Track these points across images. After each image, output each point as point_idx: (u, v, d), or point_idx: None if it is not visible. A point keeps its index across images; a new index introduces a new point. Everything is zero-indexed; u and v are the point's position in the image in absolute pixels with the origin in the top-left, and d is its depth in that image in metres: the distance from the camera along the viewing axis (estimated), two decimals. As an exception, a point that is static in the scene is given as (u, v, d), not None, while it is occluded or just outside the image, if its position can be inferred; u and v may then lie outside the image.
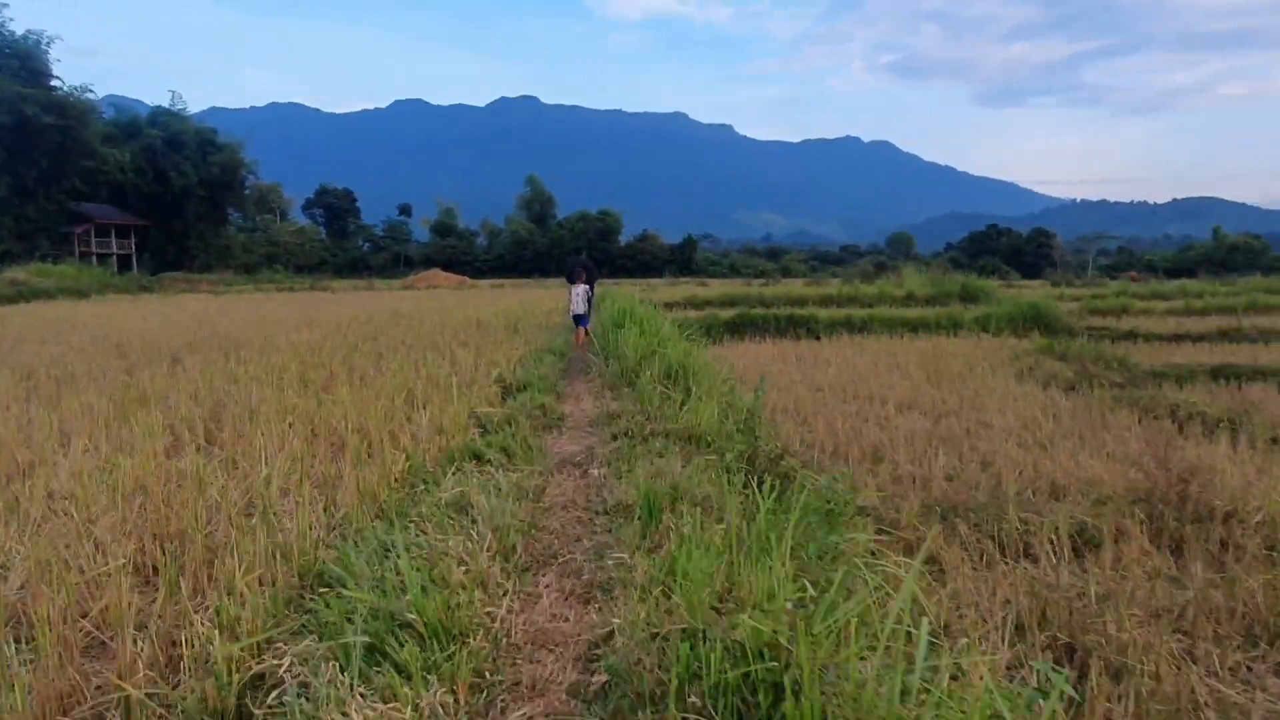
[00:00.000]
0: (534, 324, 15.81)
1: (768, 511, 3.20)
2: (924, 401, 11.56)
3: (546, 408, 6.31)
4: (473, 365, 8.22)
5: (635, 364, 7.90)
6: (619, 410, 6.01)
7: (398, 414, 5.67)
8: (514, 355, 9.21)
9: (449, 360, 9.07)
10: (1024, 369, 14.32)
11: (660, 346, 8.16)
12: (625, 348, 8.24)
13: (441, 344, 11.29)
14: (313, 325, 15.46)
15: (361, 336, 13.00)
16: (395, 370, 7.84)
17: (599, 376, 8.55)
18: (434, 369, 7.92)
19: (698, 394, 5.94)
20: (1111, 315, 24.23)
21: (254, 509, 3.89)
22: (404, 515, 3.59)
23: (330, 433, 5.40)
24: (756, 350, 17.72)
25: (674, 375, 7.32)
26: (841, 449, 8.96)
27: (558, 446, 5.35)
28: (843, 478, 4.95)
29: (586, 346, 15.54)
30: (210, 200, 61.42)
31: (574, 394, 8.08)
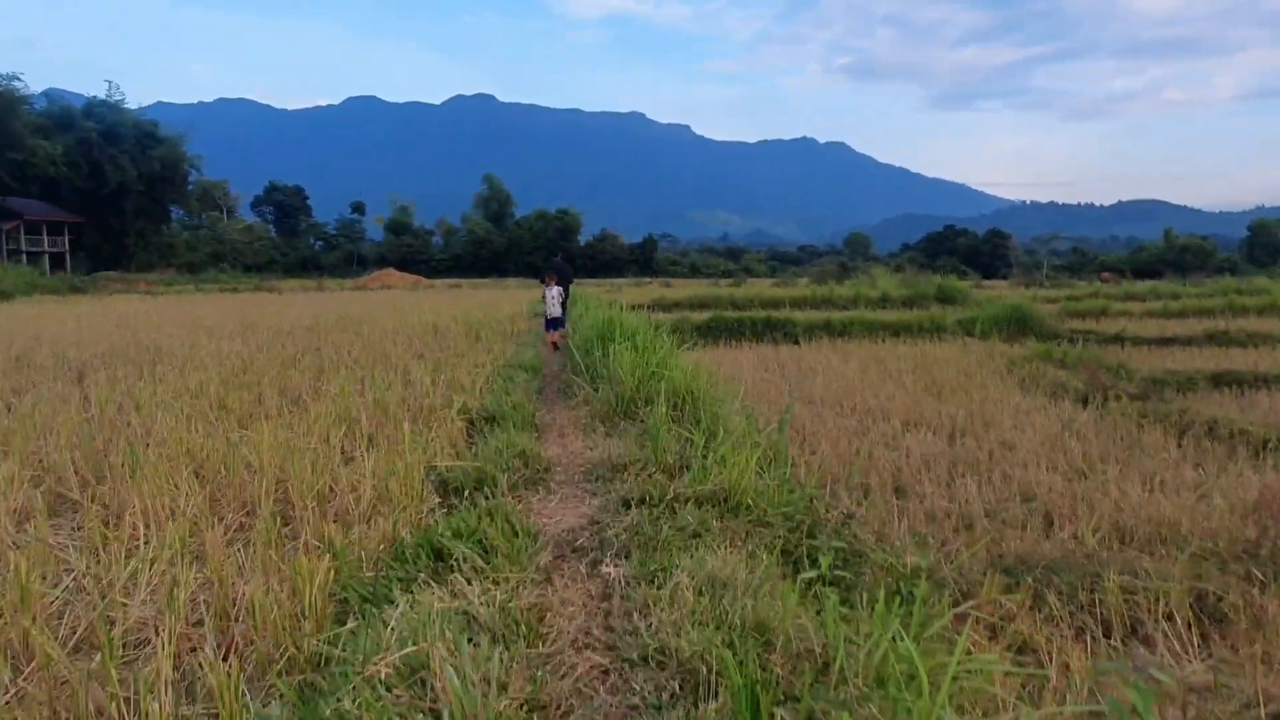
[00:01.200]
0: (497, 330, 14.42)
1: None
2: (929, 416, 10.54)
3: (527, 454, 4.78)
4: (430, 386, 6.87)
5: (633, 391, 6.63)
6: (623, 457, 4.69)
7: (332, 461, 4.33)
8: (479, 373, 7.82)
9: (401, 379, 7.72)
10: (1025, 377, 13.42)
11: (662, 368, 6.86)
12: (619, 370, 6.83)
13: (394, 356, 9.91)
14: (249, 332, 13.92)
15: (303, 347, 11.55)
16: (337, 393, 6.48)
17: (585, 404, 7.19)
18: (383, 392, 6.58)
19: (717, 431, 4.72)
20: (1091, 317, 23.66)
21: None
22: (316, 700, 2.15)
23: (239, 492, 4.05)
24: (735, 357, 16.63)
25: (682, 404, 6.19)
26: (856, 477, 7.87)
27: (549, 516, 3.94)
28: (919, 545, 3.79)
29: (562, 349, 14.27)
30: (150, 196, 58.35)
31: (556, 426, 6.74)
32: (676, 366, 6.49)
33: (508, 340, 13.06)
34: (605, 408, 6.62)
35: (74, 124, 54.38)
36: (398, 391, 6.73)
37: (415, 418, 5.82)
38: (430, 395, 6.54)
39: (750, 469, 3.67)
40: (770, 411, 10.49)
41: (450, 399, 6.35)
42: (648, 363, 6.76)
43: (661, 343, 7.54)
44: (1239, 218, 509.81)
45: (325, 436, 4.90)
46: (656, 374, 6.61)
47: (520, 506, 3.82)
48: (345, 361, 9.38)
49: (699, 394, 6.30)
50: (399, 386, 7.03)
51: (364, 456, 4.30)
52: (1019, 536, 6.08)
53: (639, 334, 7.82)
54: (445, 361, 9.05)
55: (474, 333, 13.08)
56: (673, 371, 6.59)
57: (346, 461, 4.37)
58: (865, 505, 7.06)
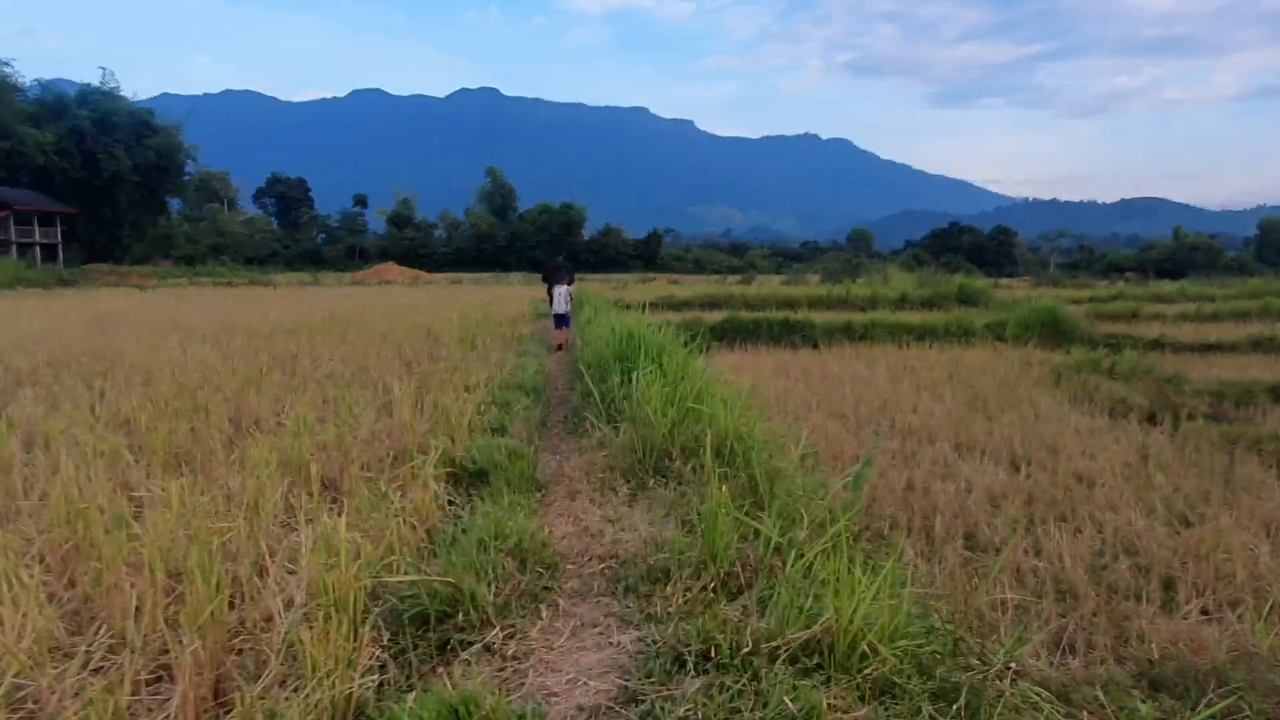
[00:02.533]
0: (496, 334, 13.18)
1: None
2: (981, 438, 9.37)
3: (524, 546, 3.40)
4: (409, 417, 5.63)
5: (666, 435, 5.11)
6: (664, 555, 3.30)
7: (245, 558, 3.12)
8: (471, 398, 6.59)
9: (378, 402, 6.54)
10: (1075, 390, 12.23)
11: (699, 402, 5.31)
12: (646, 407, 5.28)
13: (376, 369, 8.73)
14: (227, 335, 12.73)
15: (281, 354, 10.36)
16: (293, 428, 5.25)
17: (601, 446, 5.68)
18: (350, 425, 5.39)
19: (794, 513, 3.47)
20: (1122, 320, 22.44)
21: None
22: None
23: (109, 605, 2.86)
24: (753, 363, 15.47)
25: (730, 454, 4.57)
26: (916, 520, 6.71)
27: (556, 673, 2.59)
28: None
29: (569, 349, 13.83)
30: (145, 186, 56.88)
31: (565, 480, 5.24)
32: (719, 399, 5.20)
33: (508, 347, 11.84)
34: (628, 457, 5.18)
35: (67, 112, 52.97)
36: (369, 424, 5.53)
37: (382, 470, 4.62)
38: (408, 431, 5.33)
39: (869, 595, 2.42)
40: (781, 418, 9.31)
41: (432, 437, 5.12)
42: (682, 395, 5.32)
43: (695, 364, 6.22)
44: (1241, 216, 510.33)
45: (254, 504, 3.70)
46: (695, 411, 5.23)
47: (512, 649, 2.60)
48: (319, 376, 8.20)
49: (752, 440, 4.74)
50: (372, 414, 5.84)
51: (303, 547, 3.09)
52: (1138, 612, 4.92)
53: (667, 352, 6.53)
54: (433, 378, 7.81)
55: (470, 338, 11.83)
56: (715, 407, 5.08)
57: (259, 573, 3.06)
58: (936, 562, 5.91)
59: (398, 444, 5.18)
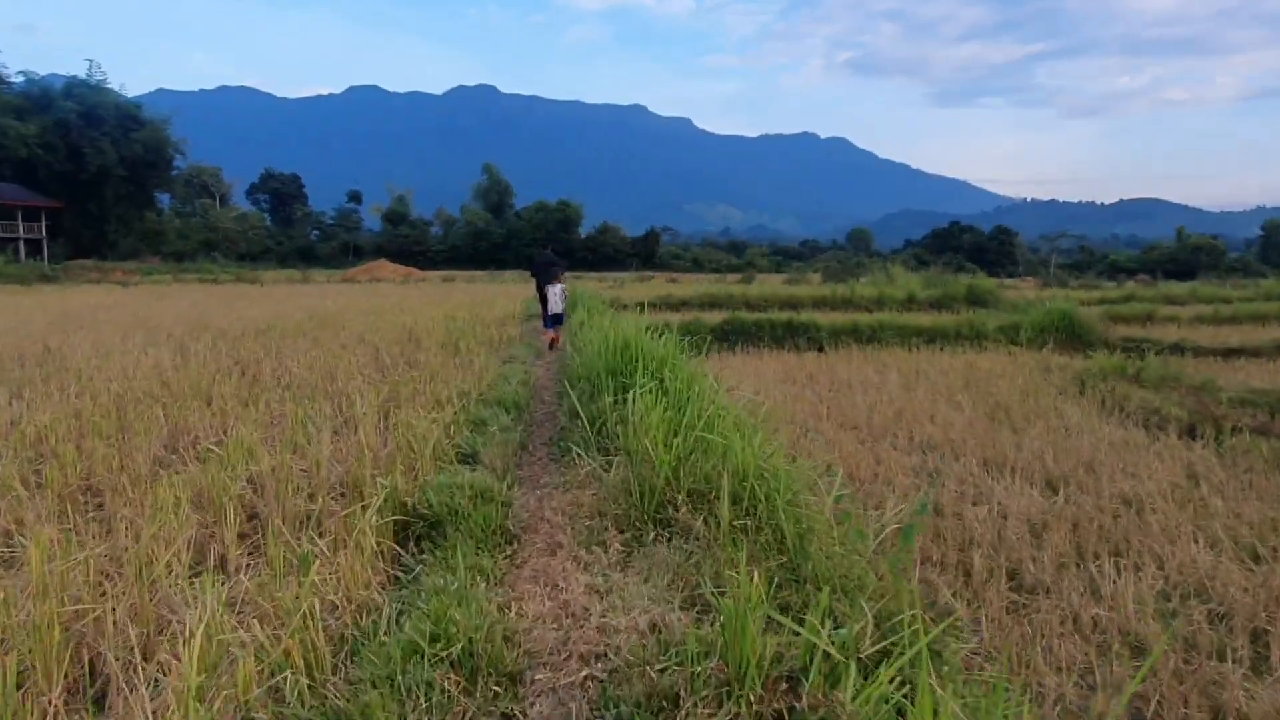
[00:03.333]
0: (482, 337, 12.30)
1: None
2: (1007, 452, 8.55)
3: (476, 645, 2.45)
4: (364, 442, 4.80)
5: (669, 475, 4.06)
6: (670, 660, 2.42)
7: (126, 637, 2.34)
8: (443, 415, 5.78)
9: (339, 419, 5.73)
10: (1102, 399, 11.42)
11: (710, 429, 4.29)
12: (645, 438, 4.26)
13: (346, 377, 7.91)
14: (194, 335, 11.88)
15: (245, 358, 9.52)
16: (229, 454, 4.42)
17: (591, 482, 4.72)
18: (300, 448, 4.57)
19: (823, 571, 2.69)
20: (1136, 323, 21.66)
21: None
22: None
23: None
24: (757, 366, 14.67)
25: (750, 502, 3.66)
26: (950, 553, 5.91)
27: None
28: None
29: (560, 350, 13.48)
30: (132, 181, 55.78)
31: (543, 529, 4.27)
32: (733, 425, 4.28)
33: (494, 351, 11.00)
34: (623, 500, 4.17)
35: (52, 105, 51.89)
36: (322, 447, 4.69)
37: (322, 513, 3.79)
38: (364, 458, 4.48)
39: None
40: (788, 429, 8.50)
41: (389, 468, 4.28)
42: (689, 421, 4.32)
43: (703, 380, 5.26)
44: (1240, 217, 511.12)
45: (142, 566, 2.86)
46: (704, 441, 4.19)
47: None
48: (279, 385, 7.37)
49: (776, 481, 3.64)
50: (326, 437, 5.00)
51: (188, 619, 2.27)
52: (1226, 675, 4.12)
53: (669, 365, 5.59)
54: (405, 388, 6.97)
55: (454, 341, 10.98)
56: (730, 437, 4.02)
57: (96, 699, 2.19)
58: (978, 606, 5.11)
59: (349, 475, 4.33)
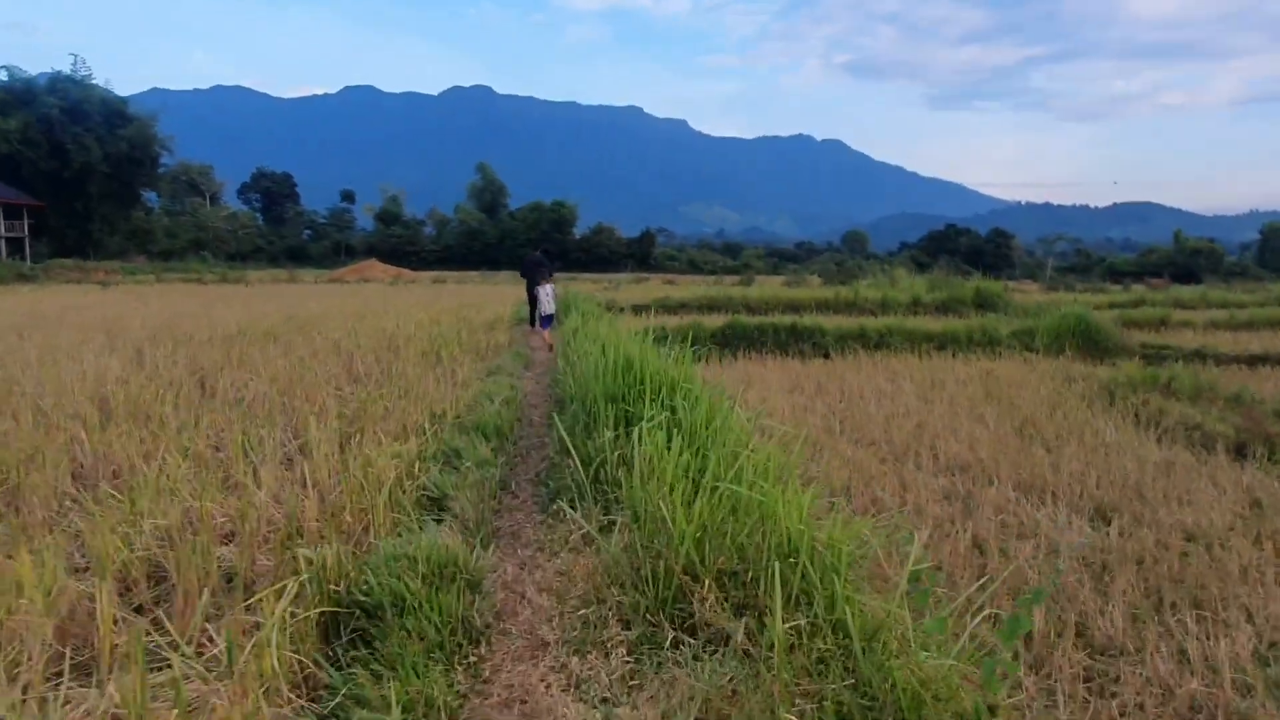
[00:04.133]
0: (468, 344, 11.39)
1: None
2: (1044, 474, 7.73)
3: None
4: (320, 470, 3.98)
5: (691, 549, 2.99)
6: None
7: None
8: (408, 449, 4.72)
9: (289, 444, 4.89)
10: (1136, 412, 10.62)
11: (740, 481, 3.24)
12: (656, 493, 3.27)
13: (311, 391, 7.04)
14: (158, 342, 10.99)
15: (207, 367, 8.66)
16: (141, 493, 3.56)
17: (587, 547, 3.69)
18: (233, 482, 3.74)
19: None
20: (1150, 328, 20.90)
21: None
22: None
23: None
24: (760, 374, 13.84)
25: (798, 587, 2.74)
26: (1004, 603, 5.09)
27: None
28: None
29: (552, 351, 13.33)
30: (117, 178, 54.60)
31: (525, 615, 3.27)
32: (773, 477, 3.24)
33: (480, 359, 10.14)
34: (629, 586, 3.04)
35: (35, 100, 50.73)
36: (262, 486, 3.83)
37: (237, 584, 2.93)
38: (302, 506, 3.61)
39: None
40: (806, 447, 7.65)
41: (336, 516, 3.42)
42: (714, 469, 3.24)
43: (726, 409, 4.14)
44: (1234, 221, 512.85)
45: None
46: (738, 502, 3.06)
47: None
48: (232, 401, 6.52)
49: (835, 557, 2.76)
50: (268, 472, 4.14)
51: None
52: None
53: (683, 391, 4.54)
54: (374, 407, 6.11)
55: (436, 350, 10.10)
56: (771, 497, 2.97)
57: None
58: (1048, 674, 4.29)
59: (283, 530, 3.47)
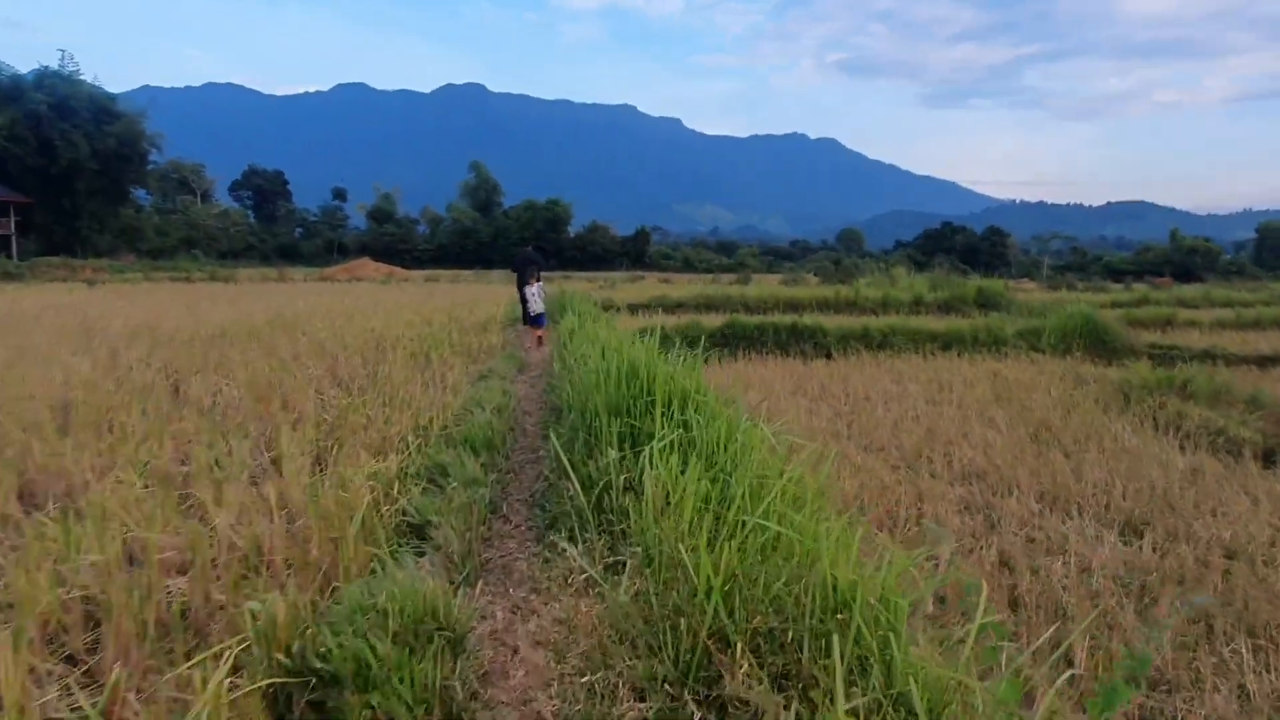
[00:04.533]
0: (459, 346, 10.92)
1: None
2: (1065, 483, 7.33)
3: None
4: (290, 490, 3.54)
5: (718, 604, 2.31)
6: None
7: None
8: (387, 466, 4.28)
9: (259, 459, 4.46)
10: (1153, 416, 10.24)
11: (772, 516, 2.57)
12: (672, 530, 2.64)
13: (291, 396, 6.61)
14: (135, 343, 10.52)
15: (182, 370, 8.21)
16: (84, 519, 3.12)
17: (587, 593, 3.05)
18: (193, 503, 3.32)
19: None
20: (1156, 327, 20.56)
21: None
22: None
23: None
24: (761, 375, 13.44)
25: (851, 649, 2.06)
26: (1040, 625, 4.68)
27: None
28: None
29: (545, 350, 13.48)
30: (106, 175, 53.83)
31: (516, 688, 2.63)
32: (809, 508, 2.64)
33: (472, 361, 9.70)
34: (644, 650, 2.45)
35: (22, 96, 49.96)
36: (210, 521, 3.40)
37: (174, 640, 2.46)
38: (265, 536, 3.18)
39: None
40: (841, 471, 7.22)
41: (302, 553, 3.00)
42: (739, 501, 2.69)
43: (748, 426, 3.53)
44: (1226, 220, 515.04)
45: None
46: (771, 540, 2.53)
47: None
48: (203, 409, 6.08)
49: (894, 614, 2.22)
50: (234, 490, 3.70)
51: None
52: None
53: (697, 403, 4.03)
54: (353, 418, 5.65)
55: (426, 352, 9.65)
56: (812, 533, 2.45)
57: None
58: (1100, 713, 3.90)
59: (235, 567, 3.04)
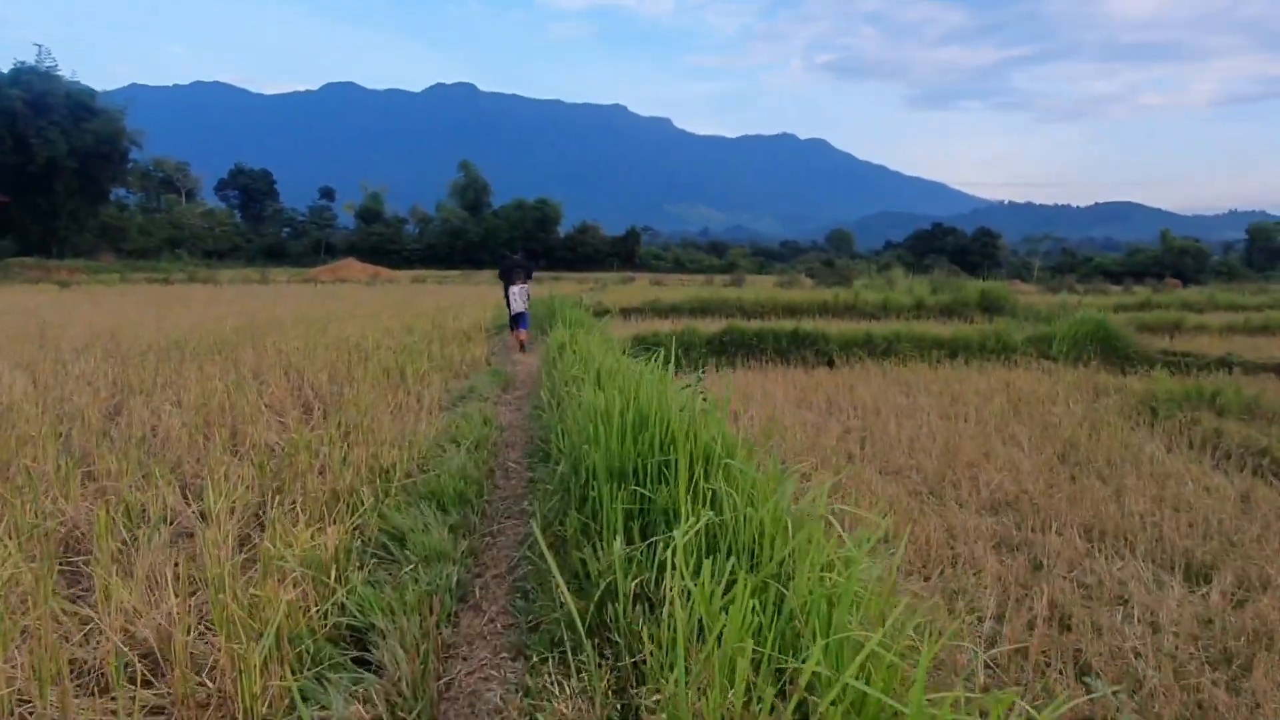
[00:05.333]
0: (440, 358, 10.00)
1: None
2: (1109, 515, 6.60)
3: None
4: (214, 568, 2.69)
5: None
6: None
7: None
8: (330, 539, 3.30)
9: (183, 512, 3.69)
10: (1187, 433, 9.54)
11: (863, 670, 1.70)
12: (715, 694, 1.74)
13: (245, 417, 5.81)
14: (81, 355, 9.68)
15: (124, 388, 7.40)
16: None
17: (582, 695, 2.24)
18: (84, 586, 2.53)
19: None
20: (1164, 332, 19.96)
21: None
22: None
23: None
24: (762, 385, 12.68)
25: None
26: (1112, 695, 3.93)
27: None
28: None
29: (528, 347, 14.26)
30: (84, 173, 52.66)
31: None
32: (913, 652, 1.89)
33: (453, 376, 8.90)
34: None
35: (-1, 92, 48.85)
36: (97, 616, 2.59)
37: None
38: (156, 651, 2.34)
39: None
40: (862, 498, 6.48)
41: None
42: (817, 654, 1.74)
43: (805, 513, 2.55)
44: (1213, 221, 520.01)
45: None
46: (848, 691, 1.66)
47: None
48: (131, 443, 5.25)
49: None
50: (118, 593, 2.84)
51: None
52: None
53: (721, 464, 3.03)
54: (301, 459, 4.81)
55: (402, 366, 8.78)
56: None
57: None
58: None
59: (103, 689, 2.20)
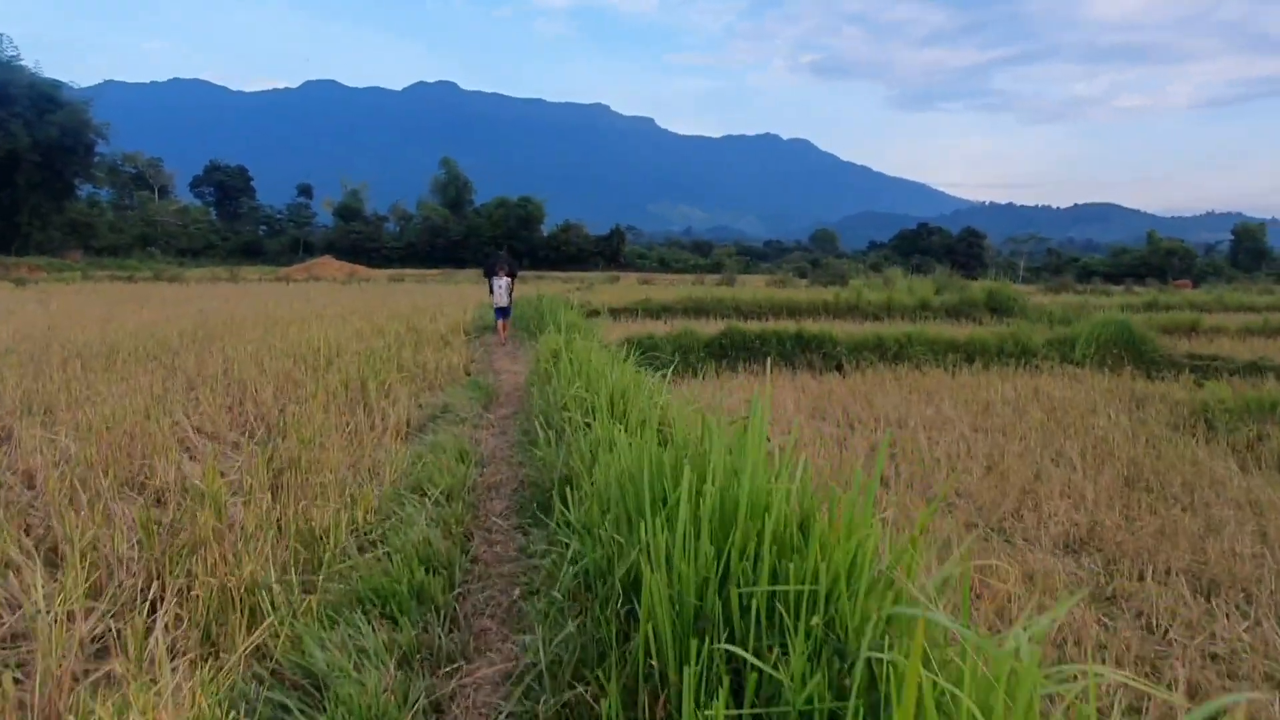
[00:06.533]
0: (413, 367, 8.68)
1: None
2: (1216, 560, 5.52)
3: None
4: None
5: None
6: None
7: None
8: (211, 690, 2.03)
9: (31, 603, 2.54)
10: (1250, 446, 8.49)
11: None
12: None
13: (156, 446, 4.61)
14: (23, 360, 8.40)
15: (33, 402, 6.16)
16: None
17: None
18: None
19: None
20: (1180, 334, 19.06)
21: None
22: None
23: None
24: (770, 392, 11.51)
25: None
26: None
27: None
28: None
29: (509, 338, 14.67)
30: (48, 167, 50.72)
31: None
32: None
33: (426, 388, 7.68)
34: None
35: (-43, 83, 46.83)
36: None
37: None
38: None
39: None
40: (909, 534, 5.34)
41: None
42: None
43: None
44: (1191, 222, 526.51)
45: None
46: None
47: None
48: (11, 481, 4.02)
49: None
50: None
51: None
52: None
53: (887, 596, 1.85)
54: (202, 520, 3.55)
55: (364, 379, 7.46)
56: None
57: None
58: None
59: None
